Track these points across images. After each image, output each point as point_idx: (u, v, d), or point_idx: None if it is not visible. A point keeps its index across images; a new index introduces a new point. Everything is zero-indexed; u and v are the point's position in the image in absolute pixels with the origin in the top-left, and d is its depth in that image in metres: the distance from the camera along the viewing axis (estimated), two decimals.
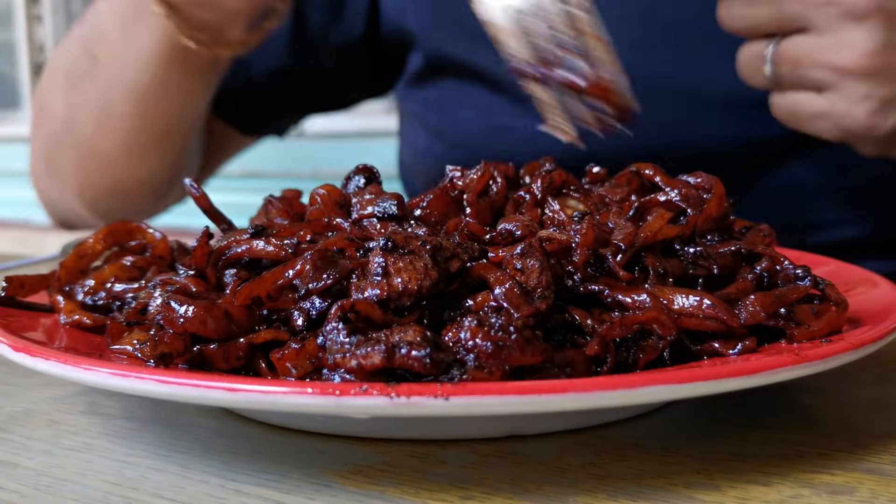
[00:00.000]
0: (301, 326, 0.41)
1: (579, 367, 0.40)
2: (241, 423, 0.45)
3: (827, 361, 0.39)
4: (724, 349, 0.41)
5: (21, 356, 0.41)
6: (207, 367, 0.41)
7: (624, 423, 0.44)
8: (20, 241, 2.26)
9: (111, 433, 0.45)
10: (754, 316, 0.43)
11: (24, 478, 0.40)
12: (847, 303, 0.45)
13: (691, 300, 0.42)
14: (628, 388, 0.35)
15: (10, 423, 0.46)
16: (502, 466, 0.39)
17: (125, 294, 0.51)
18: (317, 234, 0.47)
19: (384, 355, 0.37)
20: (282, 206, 0.54)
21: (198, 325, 0.41)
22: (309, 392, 0.34)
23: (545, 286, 0.40)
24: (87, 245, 0.55)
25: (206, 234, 0.48)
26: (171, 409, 0.47)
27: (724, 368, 0.37)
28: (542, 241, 0.43)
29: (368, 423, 0.42)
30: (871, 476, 0.38)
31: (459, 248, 0.42)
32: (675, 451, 0.40)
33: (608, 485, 0.37)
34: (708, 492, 0.36)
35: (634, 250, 0.44)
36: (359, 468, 0.39)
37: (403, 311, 0.40)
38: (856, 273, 0.55)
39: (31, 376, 0.53)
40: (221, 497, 0.37)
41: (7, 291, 0.52)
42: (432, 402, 0.34)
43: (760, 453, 0.40)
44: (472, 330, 0.38)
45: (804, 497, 0.36)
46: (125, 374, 0.37)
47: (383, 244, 0.41)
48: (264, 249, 0.46)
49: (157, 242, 0.55)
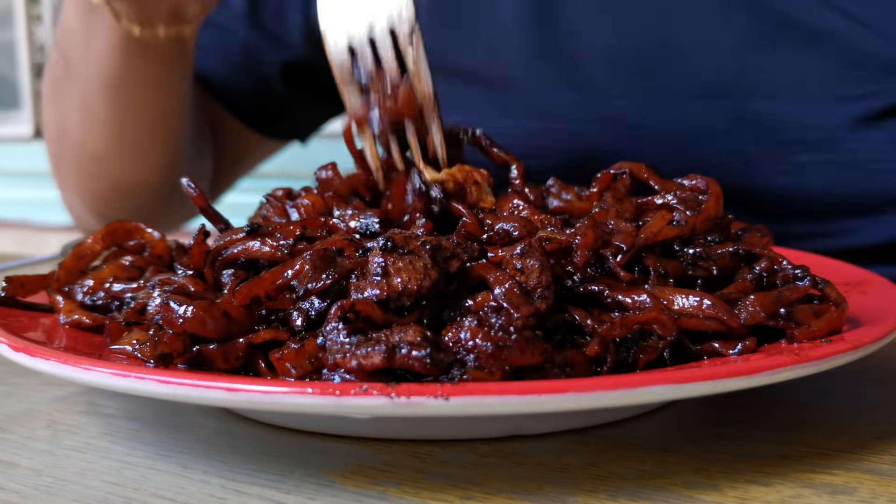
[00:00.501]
0: (300, 327, 0.41)
1: (579, 367, 0.40)
2: (241, 423, 0.45)
3: (827, 361, 0.39)
4: (724, 349, 0.41)
5: (21, 356, 0.41)
6: (207, 368, 0.41)
7: (624, 423, 0.44)
8: (20, 241, 2.26)
9: (111, 433, 0.45)
10: (754, 316, 0.42)
11: (24, 478, 0.40)
12: (846, 302, 0.45)
13: (691, 300, 0.42)
14: (628, 388, 0.35)
15: (10, 423, 0.46)
16: (502, 466, 0.39)
17: (124, 294, 0.51)
18: (309, 231, 0.47)
19: (385, 355, 0.37)
20: (281, 204, 0.54)
21: (197, 325, 0.41)
22: (309, 392, 0.34)
23: (545, 286, 0.40)
24: (85, 245, 0.55)
25: (202, 233, 0.48)
26: (171, 409, 0.47)
27: (724, 368, 0.37)
28: (542, 240, 0.43)
29: (368, 423, 0.42)
30: (871, 476, 0.38)
31: (459, 248, 0.42)
32: (675, 451, 0.40)
33: (608, 485, 0.37)
34: (708, 492, 0.36)
35: (635, 251, 0.44)
36: (359, 468, 0.39)
37: (403, 311, 0.40)
38: (856, 273, 0.55)
39: (31, 376, 0.53)
40: (221, 497, 0.37)
41: (7, 291, 0.52)
42: (432, 402, 0.34)
43: (760, 453, 0.40)
44: (472, 330, 0.38)
45: (804, 497, 0.36)
46: (125, 374, 0.37)
47: (383, 244, 0.41)
48: (260, 250, 0.46)
49: (155, 242, 0.55)
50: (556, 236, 0.44)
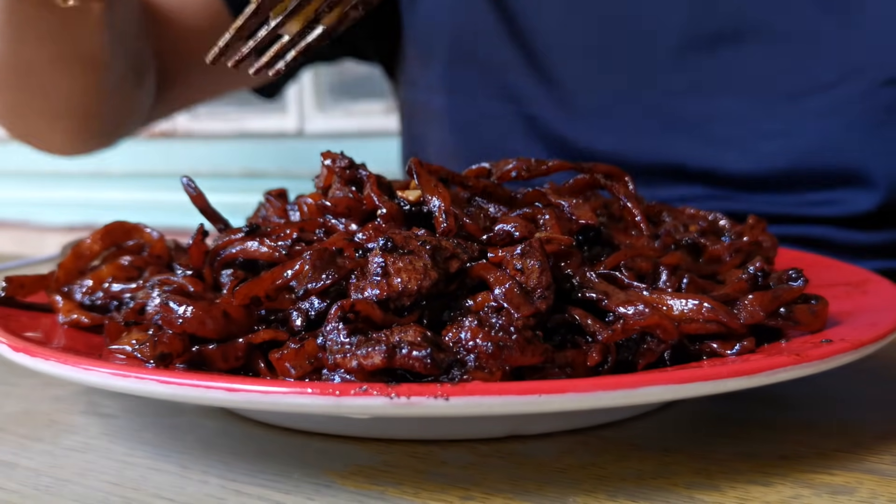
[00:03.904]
0: (300, 327, 0.41)
1: (579, 367, 0.40)
2: (241, 423, 0.45)
3: (827, 361, 0.39)
4: (723, 349, 0.41)
5: (21, 356, 0.41)
6: (206, 368, 0.41)
7: (624, 423, 0.44)
8: (20, 241, 2.26)
9: (111, 433, 0.45)
10: (753, 316, 0.43)
11: (24, 478, 0.40)
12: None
13: (690, 304, 0.42)
14: (628, 388, 0.35)
15: (9, 423, 0.46)
16: (502, 466, 0.39)
17: (123, 294, 0.51)
18: (305, 233, 0.47)
19: (385, 355, 0.37)
20: (280, 204, 0.54)
21: (196, 325, 0.41)
22: (309, 392, 0.34)
23: (545, 286, 0.40)
24: (84, 245, 0.55)
25: (201, 233, 0.48)
26: (171, 409, 0.47)
27: (724, 369, 0.37)
28: (543, 241, 0.43)
29: (368, 424, 0.41)
30: (871, 476, 0.38)
31: (459, 249, 0.42)
32: (676, 451, 0.40)
33: (608, 485, 0.37)
34: (708, 492, 0.36)
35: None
36: (359, 468, 0.39)
37: (403, 311, 0.40)
38: (856, 273, 0.55)
39: (30, 376, 0.53)
40: (221, 497, 0.37)
41: (7, 291, 0.52)
42: (432, 403, 0.34)
43: (760, 453, 0.40)
44: (473, 330, 0.38)
45: (804, 497, 0.36)
46: (125, 374, 0.37)
47: (383, 244, 0.41)
48: (258, 250, 0.46)
49: (154, 242, 0.55)
50: (556, 237, 0.44)
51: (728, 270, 0.49)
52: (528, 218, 0.46)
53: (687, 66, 0.80)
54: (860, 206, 0.77)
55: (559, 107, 0.84)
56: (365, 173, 0.48)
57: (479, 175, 0.51)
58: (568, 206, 0.48)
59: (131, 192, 2.11)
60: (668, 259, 0.46)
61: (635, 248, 0.47)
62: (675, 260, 0.47)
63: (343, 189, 0.48)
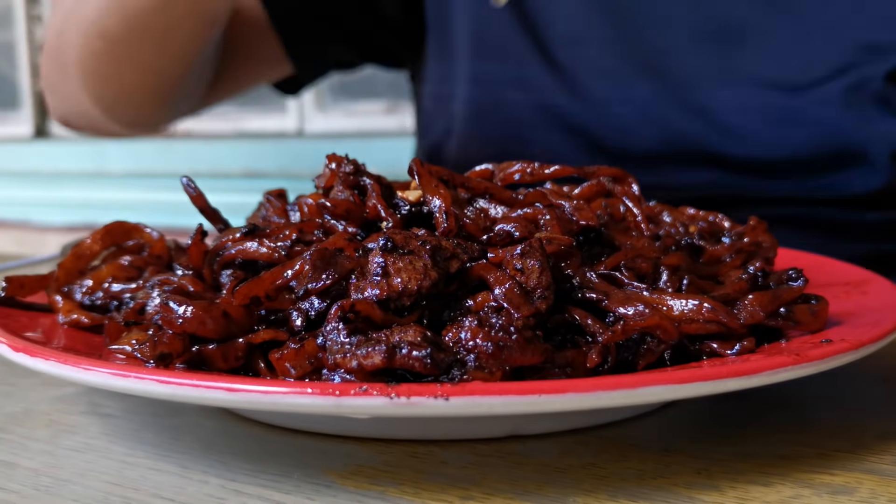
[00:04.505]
0: (300, 327, 0.41)
1: (579, 367, 0.40)
2: (241, 423, 0.45)
3: (827, 361, 0.39)
4: (723, 349, 0.41)
5: (21, 356, 0.41)
6: (206, 368, 0.41)
7: (624, 423, 0.44)
8: (20, 241, 2.26)
9: (111, 433, 0.45)
10: (753, 315, 0.43)
11: (24, 478, 0.40)
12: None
13: (690, 304, 0.42)
14: (628, 388, 0.35)
15: (9, 423, 0.46)
16: (502, 466, 0.39)
17: (123, 294, 0.51)
18: (304, 234, 0.47)
19: (385, 355, 0.37)
20: (280, 204, 0.54)
21: (196, 325, 0.41)
22: (309, 392, 0.34)
23: (545, 286, 0.40)
24: (84, 245, 0.55)
25: (200, 232, 0.48)
26: (171, 409, 0.47)
27: (724, 369, 0.37)
28: (543, 241, 0.43)
29: (368, 423, 0.41)
30: (871, 476, 0.38)
31: (459, 248, 0.42)
32: (676, 451, 0.40)
33: (608, 485, 0.37)
34: (708, 492, 0.36)
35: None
36: (359, 468, 0.39)
37: (403, 311, 0.40)
38: (856, 273, 0.55)
39: (30, 376, 0.53)
40: (221, 497, 0.37)
41: (7, 291, 0.52)
42: (432, 403, 0.34)
43: (760, 453, 0.40)
44: (473, 330, 0.38)
45: (804, 497, 0.36)
46: (125, 374, 0.37)
47: (383, 244, 0.41)
48: (257, 251, 0.46)
49: (154, 242, 0.55)
50: (556, 237, 0.44)
51: (728, 271, 0.49)
52: (529, 218, 0.46)
53: (698, 54, 0.82)
54: (865, 187, 0.80)
55: (573, 95, 0.86)
56: (369, 182, 0.48)
57: (481, 177, 0.52)
58: (569, 206, 0.48)
59: (131, 192, 2.11)
60: (668, 259, 0.46)
61: (636, 248, 0.47)
62: (676, 260, 0.47)
63: (345, 192, 0.48)
